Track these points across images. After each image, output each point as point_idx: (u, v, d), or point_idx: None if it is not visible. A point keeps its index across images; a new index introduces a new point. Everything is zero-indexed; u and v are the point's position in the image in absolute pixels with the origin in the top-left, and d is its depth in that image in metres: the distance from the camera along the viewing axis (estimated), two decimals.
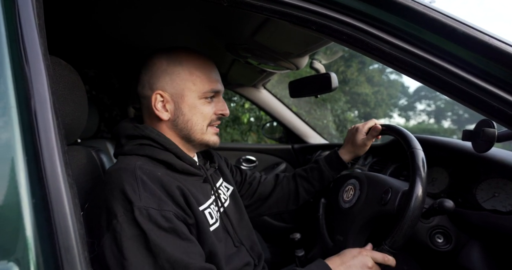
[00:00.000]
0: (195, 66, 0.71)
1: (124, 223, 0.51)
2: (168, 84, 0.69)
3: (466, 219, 0.74)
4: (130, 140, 0.67)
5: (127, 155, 0.66)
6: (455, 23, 0.45)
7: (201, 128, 0.71)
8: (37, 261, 0.32)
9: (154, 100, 0.68)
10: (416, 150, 0.70)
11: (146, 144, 0.66)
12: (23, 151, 0.34)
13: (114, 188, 0.55)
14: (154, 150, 0.66)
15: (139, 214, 0.52)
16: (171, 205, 0.57)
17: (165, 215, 0.55)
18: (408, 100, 22.84)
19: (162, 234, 0.53)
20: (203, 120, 0.71)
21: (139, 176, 0.57)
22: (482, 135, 0.59)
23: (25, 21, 0.36)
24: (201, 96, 0.70)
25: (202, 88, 0.70)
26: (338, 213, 0.88)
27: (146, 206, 0.53)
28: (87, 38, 1.21)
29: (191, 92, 0.69)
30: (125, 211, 0.52)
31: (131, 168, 0.59)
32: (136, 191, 0.55)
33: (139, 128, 0.68)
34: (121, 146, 0.68)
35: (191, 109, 0.70)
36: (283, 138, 1.95)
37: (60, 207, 0.33)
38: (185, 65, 0.70)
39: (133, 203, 0.53)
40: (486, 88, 0.46)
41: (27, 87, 0.35)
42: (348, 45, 0.55)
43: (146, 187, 0.56)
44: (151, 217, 0.53)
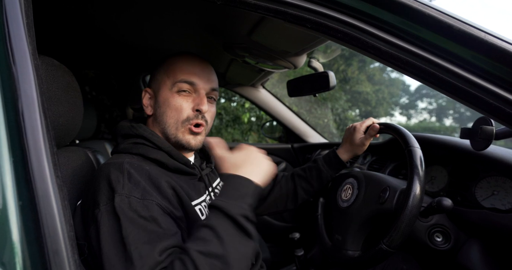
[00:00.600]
0: (174, 61, 0.72)
1: (105, 212, 0.51)
2: (152, 81, 0.74)
3: (465, 217, 0.73)
4: (125, 139, 0.68)
5: (121, 153, 0.66)
6: (451, 20, 0.45)
7: (175, 123, 0.69)
8: (24, 265, 0.31)
9: (143, 96, 0.73)
10: (414, 148, 0.69)
11: (139, 142, 0.67)
12: (9, 152, 0.33)
13: (101, 180, 0.56)
14: (147, 148, 0.66)
15: (120, 200, 0.51)
16: (155, 196, 0.56)
17: (147, 204, 0.53)
18: (409, 98, 22.79)
19: (141, 222, 0.51)
20: (177, 114, 0.68)
21: (126, 168, 0.57)
22: (480, 132, 0.58)
23: (12, 20, 0.36)
24: (173, 88, 0.69)
25: (173, 78, 0.69)
26: (336, 212, 0.88)
27: (128, 194, 0.53)
28: (87, 40, 1.20)
29: (165, 85, 0.71)
30: (107, 200, 0.52)
31: (120, 161, 0.59)
32: (120, 181, 0.54)
33: (134, 127, 0.69)
34: (116, 145, 0.69)
35: (164, 102, 0.69)
36: (282, 137, 1.94)
37: (48, 209, 0.33)
38: (167, 62, 0.73)
39: (116, 191, 0.53)
40: (483, 85, 0.45)
41: (14, 88, 0.34)
42: (344, 43, 0.55)
43: (132, 178, 0.56)
44: (132, 205, 0.52)
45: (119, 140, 0.69)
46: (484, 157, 0.75)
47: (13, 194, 0.32)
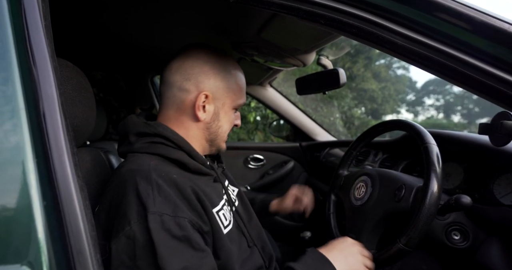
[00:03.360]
0: (239, 78, 0.73)
1: (137, 230, 0.49)
2: (216, 88, 0.68)
3: (483, 215, 0.72)
4: (140, 137, 0.65)
5: (137, 153, 0.63)
6: (472, 11, 0.43)
7: (224, 136, 0.73)
8: (50, 263, 0.32)
9: (199, 99, 0.66)
10: (430, 144, 0.68)
11: (158, 142, 0.64)
12: (32, 153, 0.33)
13: (128, 191, 0.53)
14: (167, 148, 0.63)
15: (153, 220, 0.50)
16: (186, 211, 0.54)
17: (180, 222, 0.52)
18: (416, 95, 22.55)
19: (174, 243, 0.50)
20: (228, 129, 0.73)
21: (154, 178, 0.55)
22: (501, 127, 0.57)
23: (32, 22, 0.36)
24: (234, 107, 0.73)
25: (238, 100, 0.73)
26: (349, 211, 0.87)
27: (160, 211, 0.51)
28: (94, 41, 1.21)
29: (230, 101, 0.71)
30: (139, 217, 0.50)
31: (145, 169, 0.57)
32: (150, 195, 0.52)
33: (151, 125, 0.65)
34: (129, 143, 0.65)
35: (225, 117, 0.71)
36: (290, 135, 1.94)
37: (71, 208, 0.33)
38: (233, 75, 0.71)
39: (147, 208, 0.51)
40: (505, 78, 0.44)
41: (35, 89, 0.34)
42: (359, 39, 0.54)
43: (161, 191, 0.54)
44: (164, 224, 0.50)
45: (132, 138, 0.65)
46: (503, 153, 0.73)
47: (38, 194, 0.33)
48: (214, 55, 0.70)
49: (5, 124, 0.34)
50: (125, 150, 0.65)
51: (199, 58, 0.68)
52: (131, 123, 0.66)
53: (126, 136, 0.66)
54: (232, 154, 1.80)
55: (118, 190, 0.55)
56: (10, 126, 0.34)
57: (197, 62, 0.68)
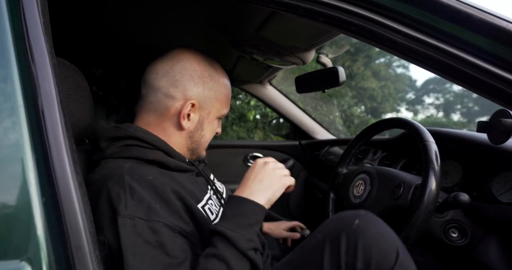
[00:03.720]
0: (227, 87, 0.72)
1: (110, 238, 0.47)
2: (202, 98, 0.66)
3: (481, 212, 0.72)
4: (112, 142, 0.61)
5: (110, 158, 0.60)
6: (471, 9, 0.43)
7: (205, 145, 0.73)
8: (49, 260, 0.32)
9: (185, 107, 0.64)
10: (429, 142, 0.68)
11: (132, 144, 0.60)
12: (31, 150, 0.34)
13: (100, 199, 0.51)
14: (142, 150, 0.60)
15: (123, 224, 0.47)
16: (162, 214, 0.51)
17: (153, 226, 0.49)
18: (415, 94, 22.56)
19: (146, 249, 0.47)
20: (210, 138, 0.73)
21: (127, 181, 0.52)
22: (499, 125, 0.57)
23: (30, 19, 0.36)
24: (218, 116, 0.72)
25: (223, 110, 0.72)
26: (348, 209, 0.87)
27: (132, 215, 0.48)
28: (93, 38, 1.21)
29: (215, 110, 0.70)
30: (110, 223, 0.48)
31: (118, 173, 0.53)
32: (122, 198, 0.49)
33: (121, 128, 0.62)
34: (101, 150, 0.61)
35: (209, 126, 0.70)
36: (290, 134, 1.94)
37: (70, 205, 0.33)
38: (221, 84, 0.70)
39: (118, 212, 0.48)
40: (504, 76, 0.44)
41: (34, 86, 0.34)
42: (358, 37, 0.54)
43: (134, 194, 0.50)
44: (136, 228, 0.47)
45: (103, 144, 0.61)
46: (502, 151, 0.73)
47: (37, 190, 0.33)
48: (205, 63, 0.68)
49: (4, 122, 0.34)
50: (98, 158, 0.61)
51: (189, 65, 0.66)
52: (101, 129, 0.63)
53: (96, 142, 0.62)
54: (232, 152, 1.80)
55: (92, 199, 0.51)
56: (9, 123, 0.34)
57: (186, 69, 0.65)
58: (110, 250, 0.47)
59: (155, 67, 0.67)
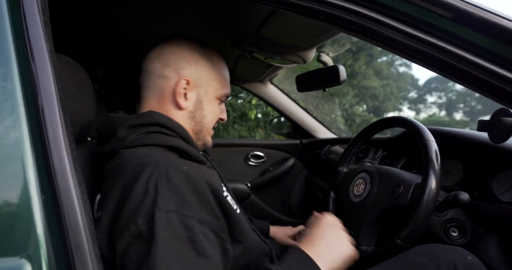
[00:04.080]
0: (221, 68, 0.72)
1: (144, 230, 0.45)
2: (197, 75, 0.67)
3: (482, 211, 0.72)
4: (134, 130, 0.59)
5: (131, 147, 0.57)
6: (470, 7, 0.43)
7: (209, 127, 0.71)
8: (49, 257, 0.32)
9: (178, 85, 0.64)
10: (429, 141, 0.68)
11: (155, 131, 0.59)
12: (31, 148, 0.34)
13: (137, 188, 0.49)
14: (164, 137, 0.59)
15: (159, 217, 0.45)
16: (195, 209, 0.49)
17: (186, 221, 0.47)
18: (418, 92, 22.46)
19: (176, 245, 0.45)
20: (213, 120, 0.71)
21: (163, 170, 0.50)
22: (499, 124, 0.57)
23: (30, 18, 0.36)
24: (218, 97, 0.71)
25: (223, 89, 0.71)
26: (348, 208, 0.87)
27: (167, 208, 0.47)
28: (95, 37, 1.21)
29: (213, 89, 0.69)
30: (146, 216, 0.46)
31: (154, 161, 0.52)
32: (159, 189, 0.48)
33: (145, 115, 0.61)
34: (119, 139, 0.58)
35: (209, 106, 0.70)
36: (291, 133, 1.94)
37: (69, 203, 0.33)
38: (215, 64, 0.70)
39: (156, 205, 0.46)
40: (504, 75, 0.44)
41: (34, 84, 0.35)
42: (358, 35, 0.54)
43: (170, 184, 0.49)
44: (170, 223, 0.46)
45: (122, 133, 0.58)
46: (502, 150, 0.73)
47: (37, 188, 0.33)
48: (195, 43, 0.69)
49: (4, 120, 0.34)
50: (115, 146, 0.59)
51: (178, 44, 0.67)
52: (118, 119, 0.61)
53: (112, 132, 0.60)
54: (233, 151, 1.81)
55: (125, 188, 0.50)
56: (8, 121, 0.34)
57: (177, 48, 0.66)
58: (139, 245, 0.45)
59: (148, 54, 0.69)
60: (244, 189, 1.70)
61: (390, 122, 0.88)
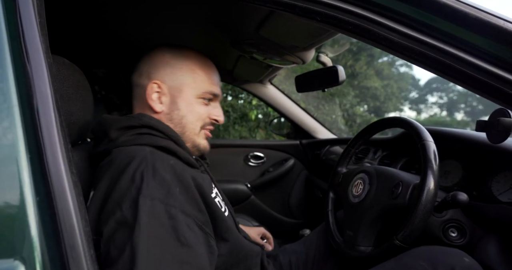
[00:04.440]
0: (198, 65, 0.70)
1: (128, 215, 0.47)
2: (168, 76, 0.68)
3: (481, 212, 0.72)
4: (125, 131, 0.61)
5: (123, 146, 0.59)
6: (467, 8, 0.43)
7: (194, 128, 0.69)
8: (43, 259, 0.32)
9: (150, 89, 0.67)
10: (427, 142, 0.68)
11: (145, 132, 0.61)
12: (26, 149, 0.34)
13: (123, 176, 0.51)
14: (154, 138, 0.61)
15: (143, 204, 0.47)
16: (180, 200, 0.51)
17: (170, 211, 0.49)
18: (419, 93, 22.43)
19: (160, 232, 0.47)
20: (197, 120, 0.69)
21: (151, 162, 0.52)
22: (498, 124, 0.56)
23: (26, 19, 0.36)
24: (199, 95, 0.69)
25: (202, 87, 0.69)
26: (347, 208, 0.87)
27: (152, 196, 0.48)
28: (95, 38, 1.22)
29: (190, 88, 0.68)
30: (131, 202, 0.48)
31: (142, 154, 0.54)
32: (144, 178, 0.50)
33: (135, 117, 0.63)
34: (111, 140, 0.60)
35: (187, 106, 0.68)
36: (291, 133, 1.94)
37: (64, 204, 0.33)
38: (188, 61, 0.69)
39: (140, 191, 0.48)
40: (501, 75, 0.44)
41: (29, 86, 0.35)
42: (355, 36, 0.54)
43: (157, 175, 0.51)
44: (155, 210, 0.48)
45: (114, 134, 0.60)
46: (501, 150, 0.73)
47: (31, 190, 0.33)
48: (169, 49, 0.71)
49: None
50: (107, 147, 0.61)
51: (152, 54, 0.71)
52: (110, 120, 0.63)
53: (105, 133, 0.62)
54: (232, 151, 1.81)
55: (112, 178, 0.52)
56: (3, 123, 0.34)
57: (148, 58, 0.70)
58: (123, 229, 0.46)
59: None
60: (244, 189, 1.70)
61: (388, 122, 0.88)
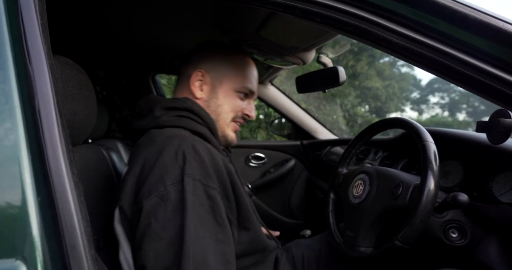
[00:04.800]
0: (241, 63, 0.77)
1: (172, 192, 0.49)
2: (212, 67, 0.73)
3: (481, 213, 0.71)
4: (168, 111, 0.65)
5: (160, 127, 0.63)
6: (467, 9, 0.43)
7: (226, 118, 0.74)
8: (44, 258, 0.32)
9: (194, 77, 0.72)
10: (428, 142, 0.68)
11: (185, 116, 0.65)
12: (27, 150, 0.34)
13: (166, 154, 0.53)
14: (192, 123, 0.65)
15: (188, 183, 0.49)
16: (216, 182, 0.55)
17: (209, 191, 0.52)
18: (420, 93, 22.38)
19: (201, 211, 0.49)
20: (230, 111, 0.74)
21: (192, 144, 0.55)
22: (498, 125, 0.56)
23: (28, 21, 0.37)
24: (237, 89, 0.75)
25: (241, 82, 0.75)
26: (348, 209, 0.87)
27: (194, 176, 0.51)
28: (97, 39, 1.22)
29: (230, 82, 0.74)
30: (174, 179, 0.50)
31: (183, 135, 0.58)
32: (187, 158, 0.52)
33: (181, 100, 0.67)
34: (154, 117, 0.64)
35: (225, 96, 0.73)
36: (291, 134, 1.94)
37: (65, 204, 0.33)
38: (233, 59, 0.76)
39: (185, 170, 0.50)
40: (501, 76, 0.44)
41: (31, 86, 0.35)
42: (355, 37, 0.54)
43: (197, 156, 0.54)
44: (196, 189, 0.50)
45: (158, 112, 0.65)
46: (501, 151, 0.73)
47: (32, 190, 0.33)
48: (217, 44, 0.77)
49: (0, 122, 0.35)
50: (148, 124, 0.65)
51: (200, 47, 0.77)
52: (157, 99, 0.68)
53: (150, 110, 0.66)
54: (233, 152, 1.80)
55: (153, 153, 0.54)
56: (5, 123, 0.34)
57: (198, 50, 0.77)
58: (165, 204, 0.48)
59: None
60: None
61: (389, 123, 0.88)
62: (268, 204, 1.74)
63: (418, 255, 0.85)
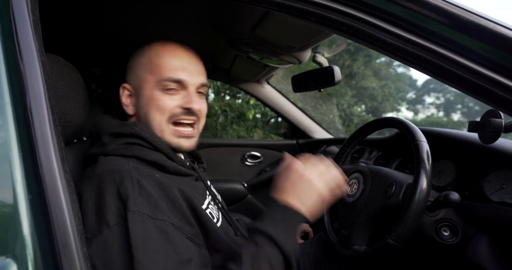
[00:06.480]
0: (156, 54, 0.64)
1: (117, 233, 0.46)
2: (131, 76, 0.67)
3: (473, 211, 0.72)
4: (115, 138, 0.60)
5: (111, 155, 0.58)
6: (459, 10, 0.44)
7: (158, 124, 0.63)
8: (35, 257, 0.32)
9: (121, 94, 0.66)
10: (420, 142, 0.68)
11: (135, 143, 0.59)
12: (18, 147, 0.34)
13: (107, 192, 0.49)
14: (143, 150, 0.59)
15: (133, 220, 0.46)
16: (167, 214, 0.50)
17: (160, 225, 0.48)
18: (416, 93, 22.52)
19: (155, 246, 0.46)
20: (160, 114, 0.62)
21: (135, 178, 0.51)
22: (489, 125, 0.57)
23: (19, 17, 0.36)
24: (157, 86, 0.62)
25: (158, 76, 0.62)
26: (342, 207, 0.87)
27: (141, 211, 0.47)
28: (92, 37, 1.21)
29: (147, 82, 0.63)
30: (119, 219, 0.47)
31: (126, 169, 0.53)
32: (131, 194, 0.48)
33: (127, 125, 0.60)
34: (102, 144, 0.59)
35: (148, 102, 0.63)
36: (288, 133, 1.94)
37: (57, 203, 0.33)
38: (147, 54, 0.65)
39: (128, 208, 0.47)
40: (492, 77, 0.45)
41: (22, 83, 0.35)
42: (349, 37, 0.54)
43: (142, 191, 0.50)
44: (145, 225, 0.46)
45: (106, 139, 0.59)
46: (493, 150, 0.74)
47: (23, 188, 0.33)
48: (138, 49, 0.69)
49: None
50: (97, 152, 0.59)
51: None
52: (106, 123, 0.62)
53: (98, 136, 0.61)
54: (229, 151, 1.81)
55: (95, 192, 0.50)
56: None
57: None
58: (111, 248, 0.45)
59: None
60: (240, 189, 1.70)
61: (383, 123, 0.89)
62: (264, 203, 1.74)
63: (410, 253, 0.86)
